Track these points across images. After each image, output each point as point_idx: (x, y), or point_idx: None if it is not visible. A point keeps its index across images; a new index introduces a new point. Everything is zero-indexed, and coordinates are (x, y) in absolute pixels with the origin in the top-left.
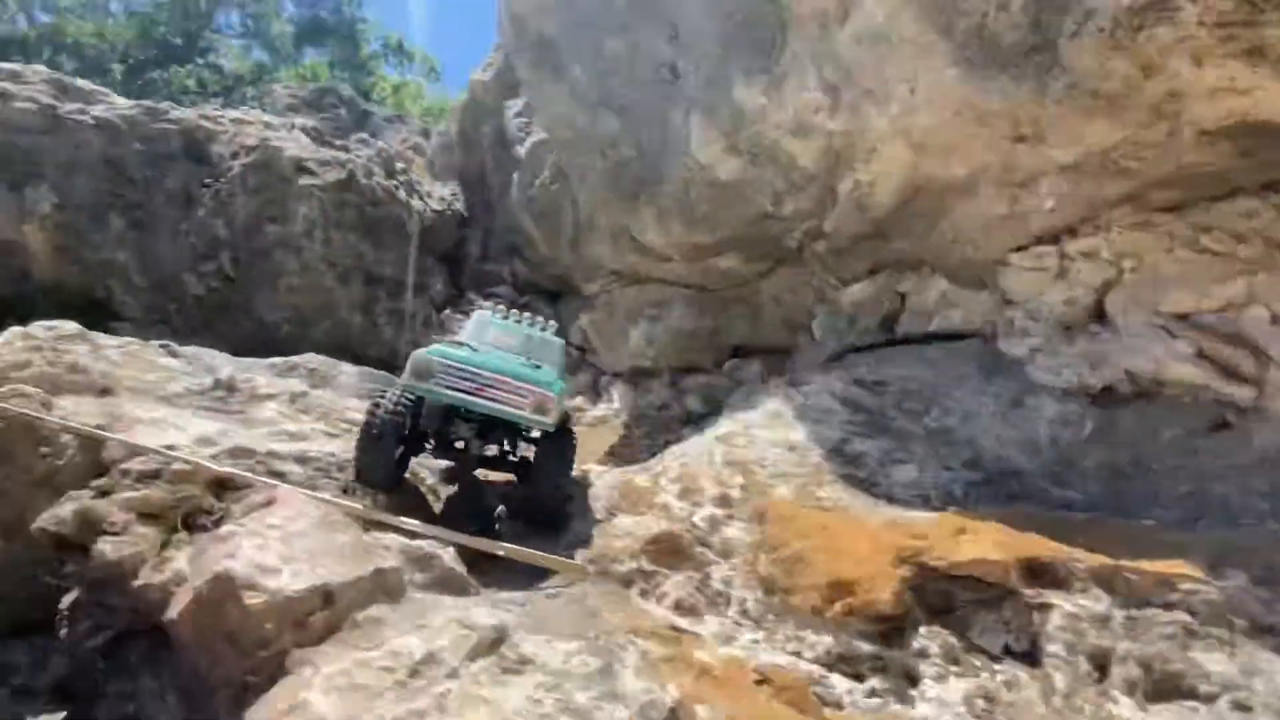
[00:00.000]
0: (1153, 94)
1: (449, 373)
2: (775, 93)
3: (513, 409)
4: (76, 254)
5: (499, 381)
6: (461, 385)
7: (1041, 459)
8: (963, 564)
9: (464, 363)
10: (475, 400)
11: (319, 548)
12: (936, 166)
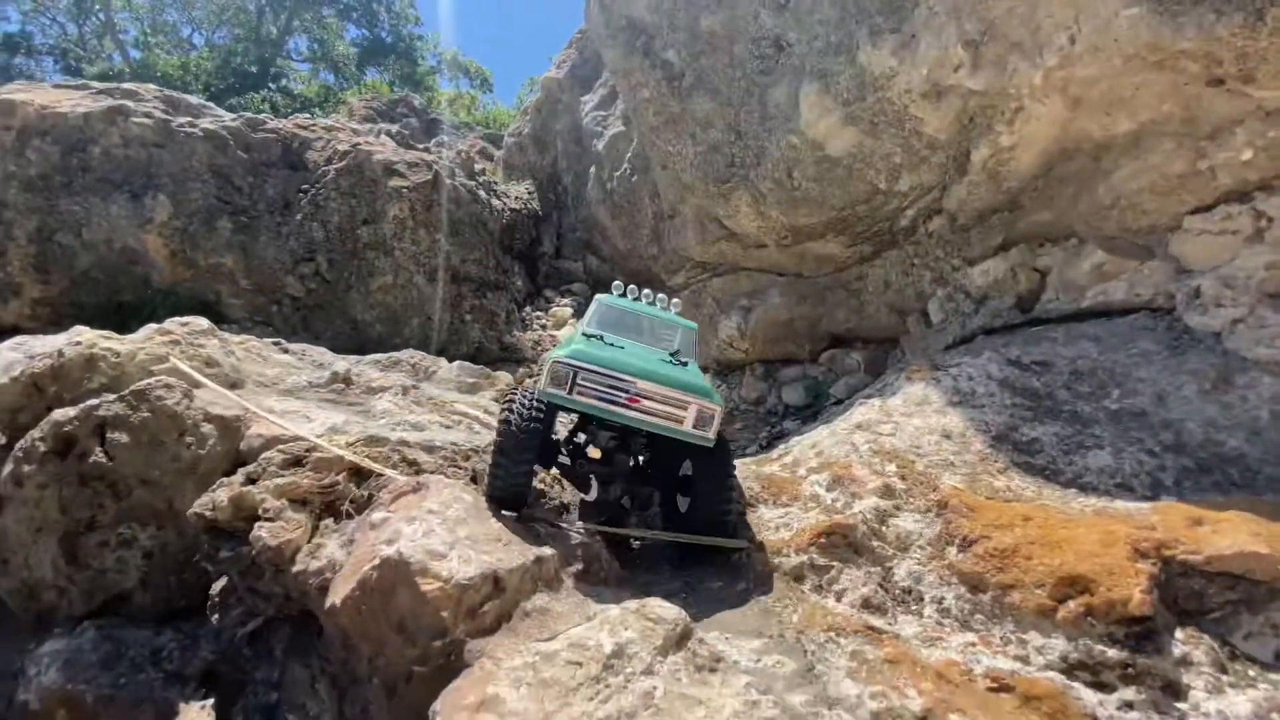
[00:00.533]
0: None
1: (592, 380)
2: (907, 53)
3: (669, 423)
4: (190, 259)
5: (651, 391)
6: (610, 396)
7: (1264, 442)
8: (1223, 558)
9: (608, 367)
10: (626, 413)
11: (480, 534)
12: (1096, 124)
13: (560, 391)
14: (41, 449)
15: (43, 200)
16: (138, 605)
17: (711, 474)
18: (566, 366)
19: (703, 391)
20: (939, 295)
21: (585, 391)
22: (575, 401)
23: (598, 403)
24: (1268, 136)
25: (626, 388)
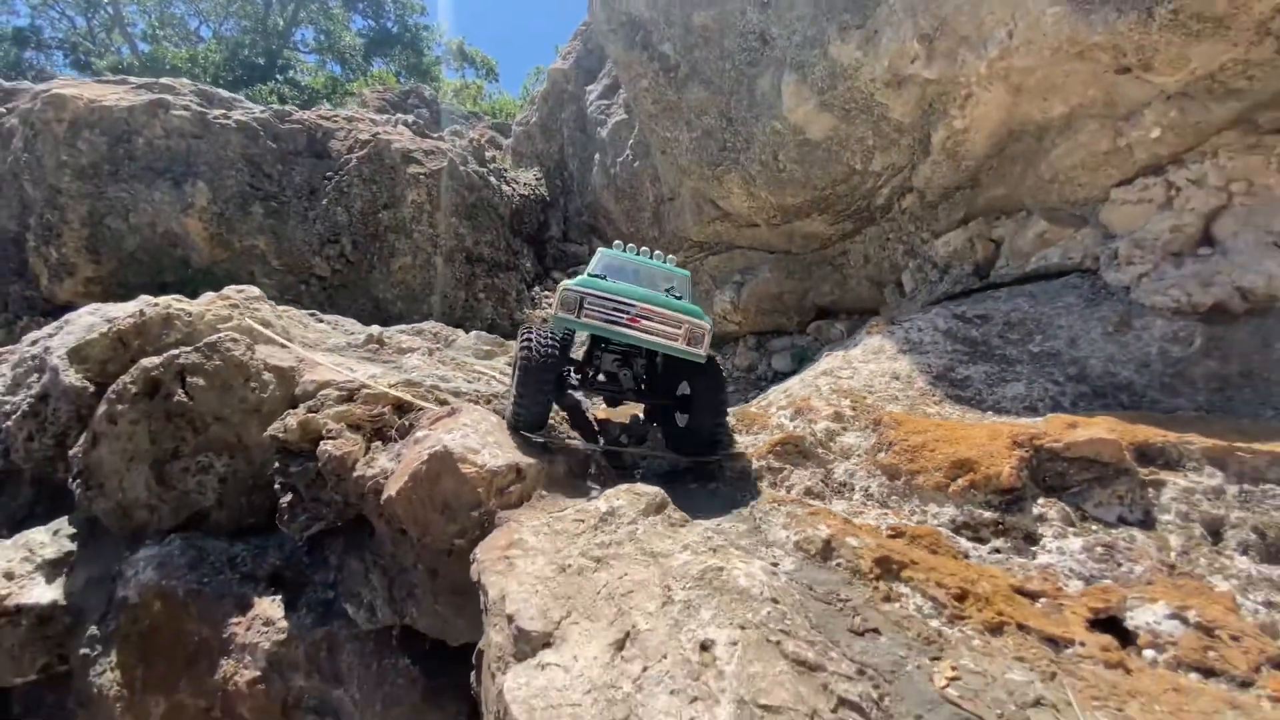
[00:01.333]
0: (1260, 12)
1: (599, 304)
2: (870, 46)
3: (666, 340)
4: (226, 241)
5: (650, 312)
6: (613, 316)
7: (1150, 372)
8: (1078, 444)
9: (613, 293)
10: (628, 332)
11: (504, 441)
12: (1034, 107)
13: (570, 315)
14: (133, 390)
15: (93, 187)
16: (215, 521)
17: (707, 389)
18: (575, 293)
19: (694, 313)
20: (910, 266)
21: (592, 314)
22: (583, 323)
23: (603, 323)
24: (1170, 117)
25: (627, 309)
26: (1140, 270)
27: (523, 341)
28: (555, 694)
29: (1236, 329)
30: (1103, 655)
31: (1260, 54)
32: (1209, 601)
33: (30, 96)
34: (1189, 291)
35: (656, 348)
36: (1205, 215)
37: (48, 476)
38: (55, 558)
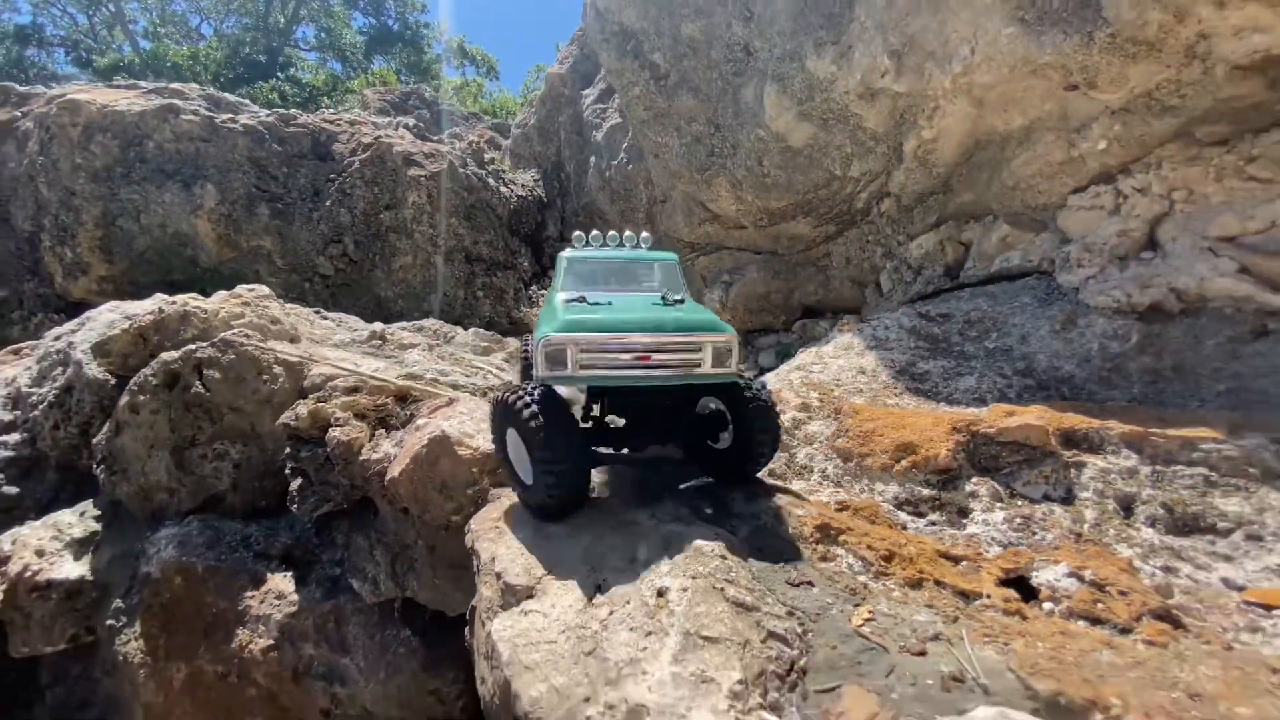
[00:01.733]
0: (1185, 37)
1: (592, 349)
2: (844, 61)
3: (688, 370)
4: (234, 241)
5: (660, 343)
6: (615, 360)
7: (1090, 367)
8: (1009, 429)
9: (605, 330)
10: (642, 375)
11: None
12: (996, 119)
13: (561, 372)
14: (154, 383)
15: (106, 189)
16: (229, 504)
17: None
18: (560, 344)
19: (712, 326)
20: (888, 267)
21: (589, 363)
22: (580, 377)
23: (606, 371)
24: (1115, 130)
25: (631, 346)
26: (1088, 272)
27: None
28: (535, 633)
29: (1171, 327)
30: (1004, 605)
31: (1189, 75)
32: (1107, 564)
33: (45, 101)
34: (1129, 292)
35: (681, 381)
36: (1149, 221)
37: (72, 463)
38: (82, 537)
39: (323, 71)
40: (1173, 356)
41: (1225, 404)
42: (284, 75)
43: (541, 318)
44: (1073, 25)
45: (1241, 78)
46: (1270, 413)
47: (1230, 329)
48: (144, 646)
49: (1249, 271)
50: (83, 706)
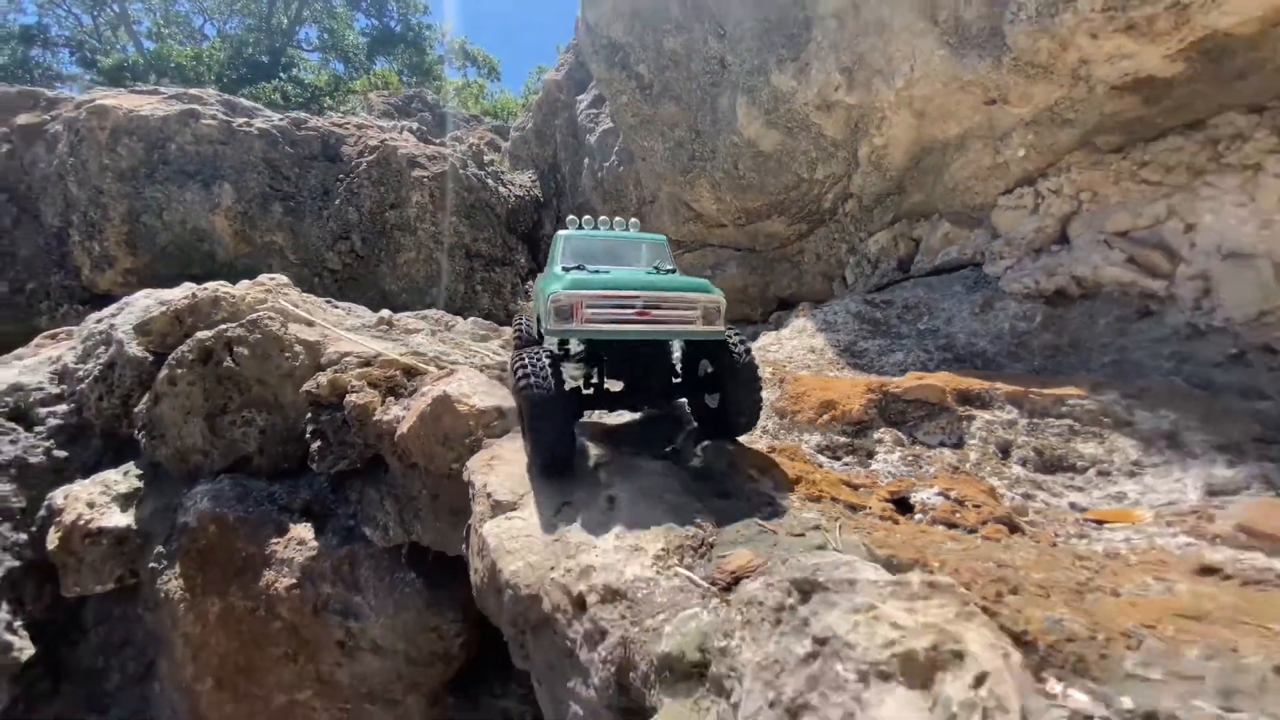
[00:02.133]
0: (1070, 61)
1: (599, 303)
2: (803, 77)
3: (684, 325)
4: (249, 237)
5: (659, 299)
6: (619, 315)
7: (1001, 343)
8: (912, 389)
9: (611, 286)
10: (641, 327)
11: (490, 390)
12: (935, 129)
13: (569, 325)
14: (190, 358)
15: (131, 188)
16: (256, 465)
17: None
18: (568, 299)
19: (703, 288)
20: (851, 262)
21: (593, 318)
22: (586, 330)
23: (609, 325)
24: (1029, 140)
25: (632, 302)
26: (1008, 263)
27: (519, 378)
28: (515, 531)
29: (1070, 309)
30: (881, 514)
31: (1077, 93)
32: (972, 488)
33: (74, 106)
34: (1038, 280)
35: (675, 336)
36: (1061, 219)
37: (115, 430)
38: (127, 492)
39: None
40: (1070, 334)
41: (1110, 373)
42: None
43: (543, 286)
44: (986, 50)
45: (1119, 96)
46: (1138, 378)
47: (1118, 310)
48: (182, 585)
49: (1135, 261)
50: (124, 644)
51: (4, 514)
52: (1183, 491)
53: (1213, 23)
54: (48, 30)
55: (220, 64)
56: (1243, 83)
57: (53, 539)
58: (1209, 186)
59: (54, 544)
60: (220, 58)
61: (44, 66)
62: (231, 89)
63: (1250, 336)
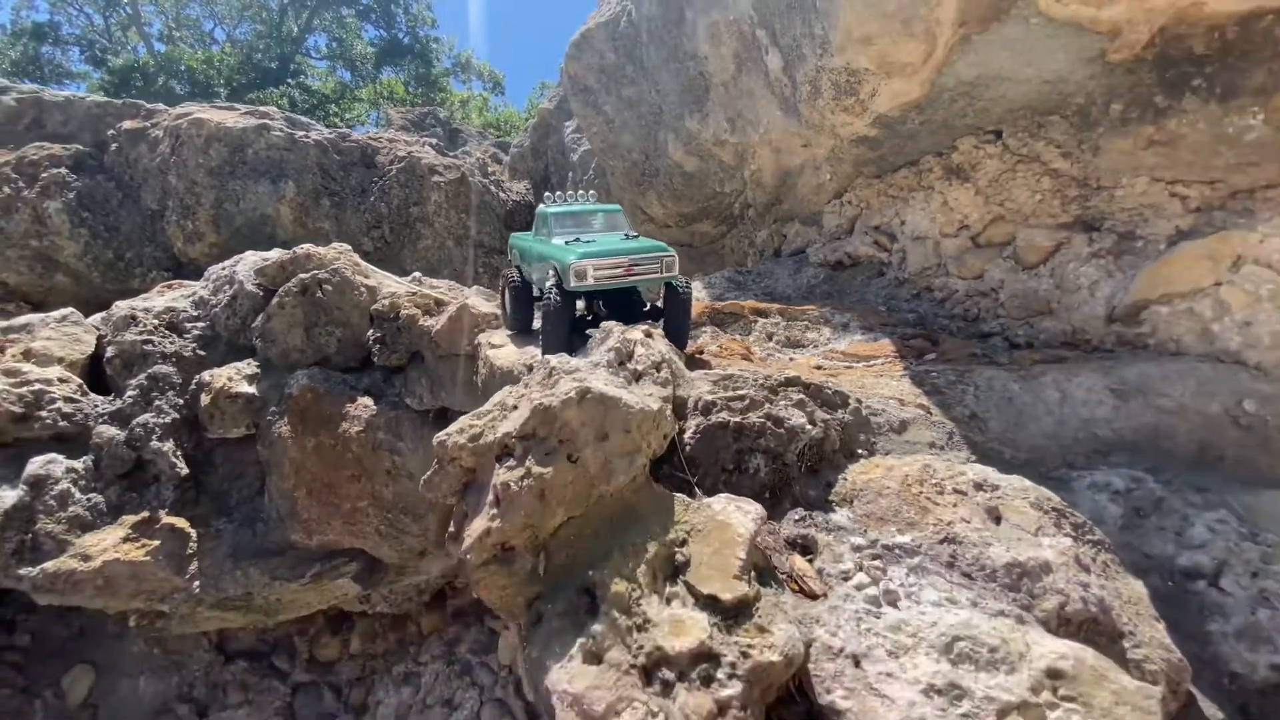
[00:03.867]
0: (828, 124)
1: (604, 268)
2: (703, 124)
3: (654, 274)
4: (304, 223)
5: (637, 260)
6: (614, 274)
7: (801, 290)
8: (726, 306)
9: (608, 255)
10: (630, 279)
11: (490, 305)
12: (785, 160)
13: (584, 283)
14: (294, 290)
15: (218, 181)
16: (334, 362)
17: (681, 301)
18: (583, 266)
19: (663, 249)
20: (751, 252)
21: (599, 276)
22: (595, 286)
23: (608, 279)
24: (831, 169)
25: (622, 264)
26: (817, 247)
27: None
28: (503, 351)
29: (843, 272)
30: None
31: (838, 144)
32: (735, 344)
33: (174, 117)
34: (828, 255)
35: (647, 283)
36: (851, 219)
37: (235, 341)
38: (250, 374)
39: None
40: (839, 285)
41: (850, 303)
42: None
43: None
44: (795, 115)
45: (856, 145)
46: (862, 307)
47: (866, 272)
48: (289, 429)
49: (877, 243)
50: (240, 475)
51: (170, 385)
52: (838, 344)
53: (878, 107)
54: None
55: (231, 69)
56: (914, 140)
57: (205, 399)
58: (912, 198)
59: (205, 402)
60: (231, 62)
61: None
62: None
63: (920, 282)
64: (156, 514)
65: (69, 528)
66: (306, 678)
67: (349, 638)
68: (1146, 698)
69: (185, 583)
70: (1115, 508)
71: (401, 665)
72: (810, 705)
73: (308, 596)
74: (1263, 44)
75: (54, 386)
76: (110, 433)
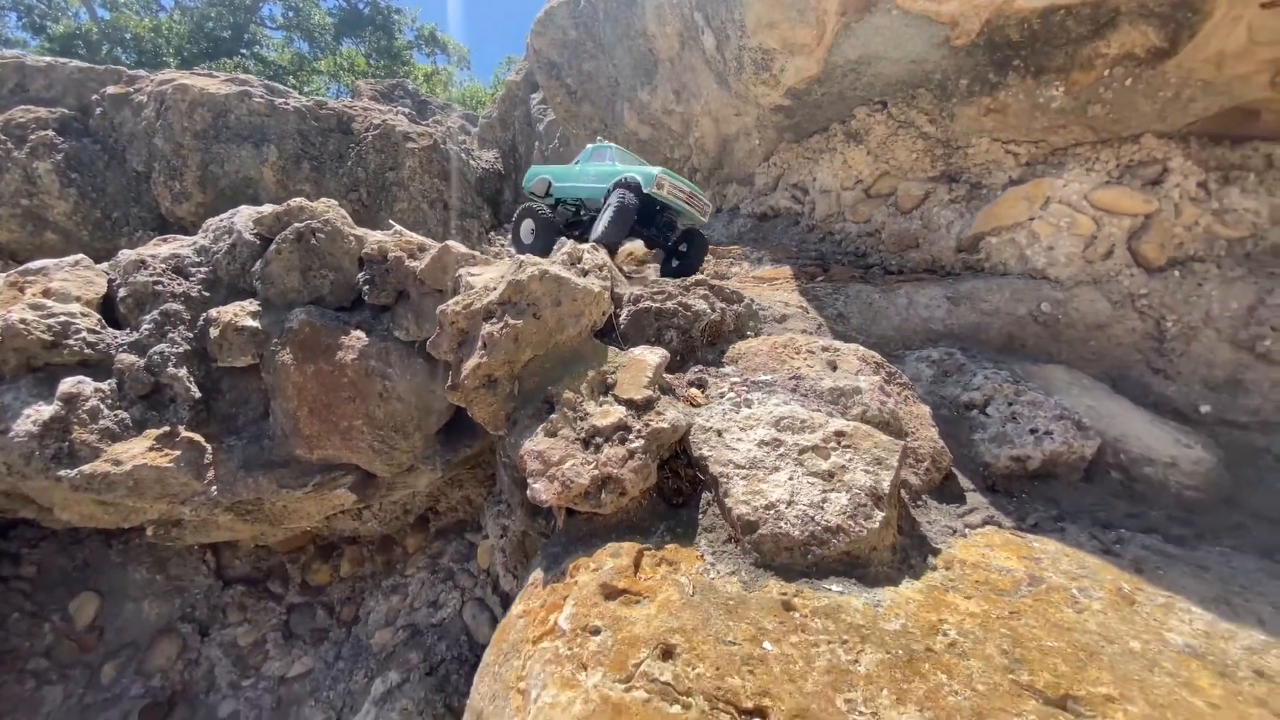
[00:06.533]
0: (751, 95)
1: (676, 188)
2: (653, 95)
3: (700, 214)
4: (286, 185)
5: (694, 195)
6: (678, 195)
7: (731, 238)
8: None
9: (680, 181)
10: (687, 207)
11: (467, 249)
12: (725, 127)
13: (660, 191)
14: (290, 238)
15: (203, 144)
16: (328, 301)
17: (699, 242)
18: (663, 178)
19: (706, 198)
20: None
21: (672, 192)
22: (667, 197)
23: (673, 198)
24: (759, 135)
25: (685, 191)
26: (750, 202)
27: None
28: (483, 277)
29: (766, 222)
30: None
31: (761, 112)
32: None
33: (157, 83)
34: (754, 208)
35: (692, 218)
36: (775, 178)
37: (235, 284)
38: (253, 311)
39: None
40: (763, 234)
41: (775, 253)
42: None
43: (605, 171)
44: (727, 87)
45: (774, 113)
46: (779, 249)
47: (785, 222)
48: (290, 359)
49: (794, 197)
50: (246, 401)
51: (180, 321)
52: (752, 272)
53: (787, 81)
54: None
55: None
56: (820, 110)
57: (213, 332)
58: (821, 159)
59: (215, 335)
60: (180, 31)
61: None
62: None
63: (824, 227)
64: (176, 429)
65: (100, 437)
66: (300, 599)
67: (339, 563)
68: (893, 447)
69: (204, 486)
70: (929, 370)
71: (389, 580)
72: (689, 457)
73: (309, 506)
74: (1059, 33)
75: (78, 319)
76: (130, 359)
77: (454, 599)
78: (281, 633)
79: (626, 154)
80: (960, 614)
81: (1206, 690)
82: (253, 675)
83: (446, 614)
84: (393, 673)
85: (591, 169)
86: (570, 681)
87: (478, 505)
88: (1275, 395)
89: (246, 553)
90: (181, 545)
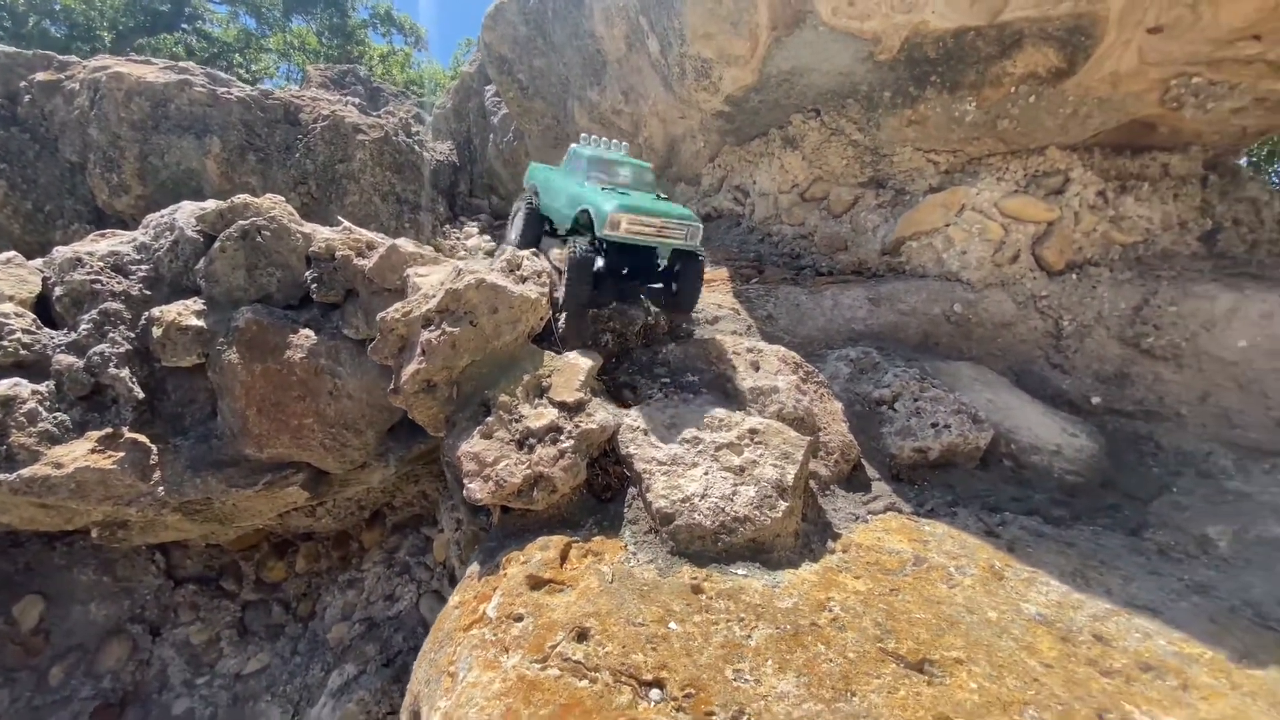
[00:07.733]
0: (694, 100)
1: (636, 224)
2: (602, 95)
3: (681, 240)
4: (231, 178)
5: (669, 224)
6: (644, 231)
7: None
8: None
9: (644, 212)
10: (661, 240)
11: (415, 245)
12: (671, 128)
13: (616, 232)
14: (235, 235)
15: (141, 135)
16: (276, 299)
17: (694, 275)
18: (618, 216)
19: (693, 217)
20: None
21: (631, 230)
22: (626, 238)
23: (639, 235)
24: (703, 139)
25: (656, 224)
26: (697, 200)
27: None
28: (430, 279)
29: (709, 223)
30: None
31: (704, 116)
32: None
33: (90, 70)
34: (702, 209)
35: (678, 245)
36: (719, 179)
37: (178, 282)
38: (197, 310)
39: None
40: (707, 235)
41: (727, 251)
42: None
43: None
44: (672, 91)
45: (716, 118)
46: (721, 250)
47: (728, 223)
48: (237, 357)
49: (735, 199)
50: (191, 401)
51: (121, 320)
52: None
53: (725, 89)
54: None
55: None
56: (759, 116)
57: (156, 331)
58: (760, 162)
59: (158, 334)
60: (116, 3)
61: None
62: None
63: (763, 229)
64: (119, 430)
65: (39, 440)
66: (255, 596)
67: (294, 560)
68: (800, 442)
69: (150, 487)
70: (847, 368)
71: (345, 575)
72: (618, 455)
73: (260, 504)
74: (970, 52)
75: (11, 319)
76: (69, 360)
77: (410, 592)
78: (236, 630)
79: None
80: (847, 592)
81: (1044, 652)
82: (207, 673)
83: (403, 607)
84: (349, 665)
85: (563, 186)
86: (492, 663)
87: (434, 500)
88: (1157, 387)
89: (198, 552)
90: (129, 546)
